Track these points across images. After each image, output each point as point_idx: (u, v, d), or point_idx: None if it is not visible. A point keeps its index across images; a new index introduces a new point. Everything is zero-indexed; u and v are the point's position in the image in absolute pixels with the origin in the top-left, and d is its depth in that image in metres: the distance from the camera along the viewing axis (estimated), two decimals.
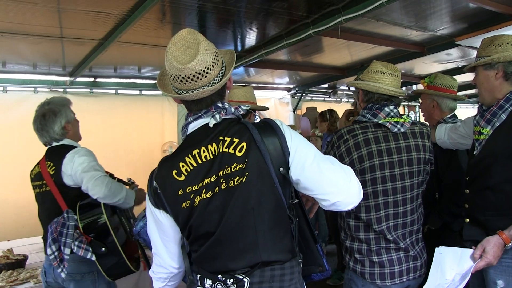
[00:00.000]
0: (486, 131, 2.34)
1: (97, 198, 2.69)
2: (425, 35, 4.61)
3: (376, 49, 5.19)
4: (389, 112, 2.34)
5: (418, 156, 2.36)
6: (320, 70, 6.37)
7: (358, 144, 2.27)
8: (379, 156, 2.27)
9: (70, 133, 3.04)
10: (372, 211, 2.28)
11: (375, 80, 2.38)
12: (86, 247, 2.61)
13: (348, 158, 2.26)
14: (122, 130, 6.20)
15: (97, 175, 2.71)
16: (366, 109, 2.39)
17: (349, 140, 2.28)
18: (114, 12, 3.38)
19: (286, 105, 8.30)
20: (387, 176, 2.28)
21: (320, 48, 5.14)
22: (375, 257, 2.29)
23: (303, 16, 3.76)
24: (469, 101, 10.47)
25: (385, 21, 3.99)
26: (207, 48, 1.61)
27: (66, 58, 4.83)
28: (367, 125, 2.34)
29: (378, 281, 2.28)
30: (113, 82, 6.14)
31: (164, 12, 3.50)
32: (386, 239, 2.30)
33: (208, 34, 4.19)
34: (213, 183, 1.61)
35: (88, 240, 2.66)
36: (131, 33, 3.73)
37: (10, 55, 4.64)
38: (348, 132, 2.31)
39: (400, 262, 2.31)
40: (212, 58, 1.62)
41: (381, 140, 2.30)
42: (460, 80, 7.37)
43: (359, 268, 2.33)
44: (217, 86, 1.63)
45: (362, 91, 2.44)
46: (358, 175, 2.20)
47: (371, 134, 2.30)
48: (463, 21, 4.15)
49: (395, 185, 2.29)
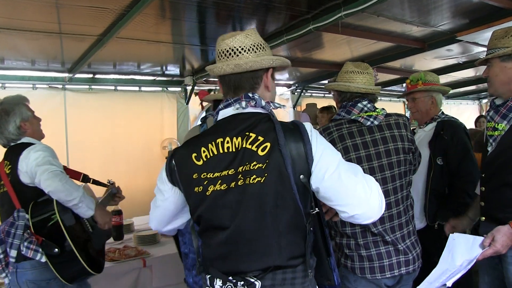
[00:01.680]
0: (501, 126, 2.32)
1: (48, 192, 2.58)
2: (426, 31, 4.59)
3: (377, 45, 5.17)
4: (362, 108, 2.41)
5: (396, 146, 2.38)
6: (320, 66, 6.34)
7: (333, 141, 2.33)
8: (355, 150, 2.32)
9: (28, 131, 2.89)
10: None
11: (346, 80, 2.48)
12: (35, 247, 2.49)
13: None
14: (121, 127, 6.18)
15: (51, 169, 2.59)
16: (341, 107, 2.49)
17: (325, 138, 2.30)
18: (113, 8, 3.35)
19: (286, 102, 8.27)
20: (366, 169, 2.31)
21: (320, 44, 5.11)
22: (364, 251, 2.32)
23: (303, 11, 3.74)
24: (469, 97, 10.45)
25: (386, 16, 3.97)
26: (249, 34, 1.71)
27: (65, 54, 4.81)
28: (341, 121, 2.42)
29: (369, 275, 2.31)
30: (112, 78, 6.10)
31: (163, 7, 3.48)
32: (372, 232, 2.32)
33: (207, 30, 4.17)
34: (230, 177, 1.60)
35: (39, 241, 2.54)
36: (130, 29, 3.70)
37: (8, 51, 4.61)
38: (324, 130, 2.40)
39: (390, 255, 2.33)
40: (251, 44, 1.68)
41: (356, 135, 2.35)
42: (461, 76, 7.41)
43: (350, 264, 2.36)
44: (245, 66, 1.65)
45: (337, 92, 2.54)
46: None
47: (346, 130, 2.37)
48: (464, 17, 4.12)
49: (376, 177, 2.29)
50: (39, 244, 2.51)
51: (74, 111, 5.79)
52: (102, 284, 3.12)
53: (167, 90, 6.63)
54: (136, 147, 6.29)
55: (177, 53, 5.21)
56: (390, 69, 6.46)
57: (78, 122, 5.81)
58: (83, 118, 5.86)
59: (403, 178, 2.43)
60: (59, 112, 5.67)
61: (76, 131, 5.79)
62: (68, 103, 5.74)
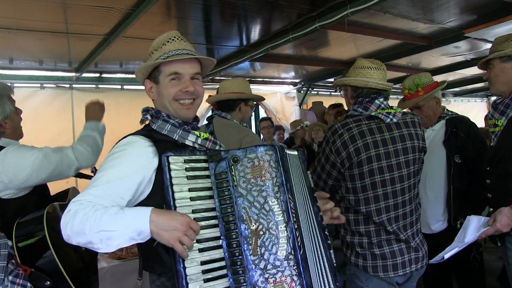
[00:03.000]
0: (501, 122, 2.44)
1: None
2: (433, 28, 4.56)
3: (383, 43, 5.15)
4: (379, 105, 2.36)
5: (413, 144, 2.38)
6: (326, 64, 6.33)
7: (353, 137, 2.28)
8: (375, 147, 2.28)
9: (8, 132, 2.41)
10: (371, 203, 2.28)
11: (363, 75, 2.41)
12: (22, 282, 2.04)
13: (345, 152, 2.26)
14: (127, 125, 6.15)
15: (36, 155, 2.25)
16: (357, 104, 2.41)
17: (344, 134, 2.28)
18: (119, 7, 3.37)
19: (292, 100, 8.26)
20: (384, 166, 2.29)
21: (326, 41, 5.10)
22: (377, 250, 2.30)
23: (309, 9, 3.73)
24: (478, 95, 10.39)
25: (392, 13, 3.95)
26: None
27: (71, 54, 4.84)
28: (360, 118, 2.36)
29: (381, 274, 2.28)
30: (118, 77, 6.14)
31: (169, 6, 3.49)
32: (386, 230, 2.30)
33: (213, 28, 4.18)
34: None
35: (27, 273, 2.08)
36: (136, 28, 3.72)
37: (17, 52, 4.65)
38: (342, 126, 2.32)
39: (402, 253, 2.32)
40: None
41: (375, 132, 2.31)
42: (469, 73, 7.36)
43: (361, 262, 2.33)
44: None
45: (351, 88, 2.46)
46: (355, 167, 2.25)
47: (365, 126, 2.32)
48: (472, 13, 4.10)
49: (393, 175, 2.30)
50: (26, 278, 2.07)
51: (81, 110, 5.76)
52: (109, 282, 3.13)
53: None
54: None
55: None
56: (396, 66, 6.43)
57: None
58: None
59: (416, 176, 2.44)
60: (66, 111, 5.71)
61: None
62: (75, 102, 5.78)
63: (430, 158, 3.01)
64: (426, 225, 3.05)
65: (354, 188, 2.28)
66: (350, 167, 2.26)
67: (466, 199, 3.00)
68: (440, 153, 3.04)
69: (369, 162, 2.26)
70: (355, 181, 2.28)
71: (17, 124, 2.51)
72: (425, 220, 3.00)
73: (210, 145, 1.71)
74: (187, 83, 1.70)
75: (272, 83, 7.87)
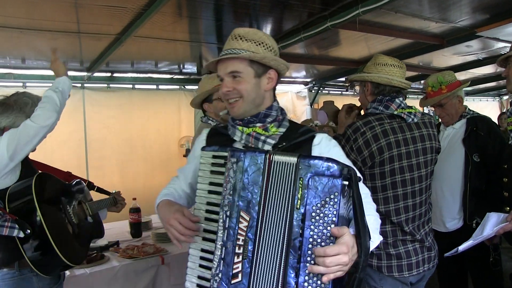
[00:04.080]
0: None
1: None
2: (444, 27, 4.52)
3: (394, 42, 5.11)
4: (399, 104, 2.35)
5: (431, 145, 2.39)
6: (337, 63, 6.30)
7: (376, 136, 2.25)
8: (397, 147, 2.27)
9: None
10: (390, 203, 2.27)
11: (386, 73, 2.39)
12: (11, 224, 2.26)
13: (367, 151, 2.24)
14: (139, 125, 6.23)
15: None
16: (376, 101, 2.39)
17: (366, 132, 2.26)
18: (131, 7, 3.38)
19: (303, 99, 8.24)
20: (405, 166, 2.28)
21: (337, 41, 5.08)
22: (392, 250, 2.29)
23: (320, 8, 3.72)
24: (490, 94, 10.30)
25: (403, 13, 3.92)
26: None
27: (83, 54, 4.86)
28: (382, 116, 2.33)
29: (396, 274, 2.27)
30: (130, 77, 6.15)
31: (180, 6, 3.50)
32: (403, 231, 2.29)
33: (224, 28, 4.18)
34: None
35: (14, 218, 2.30)
36: (147, 27, 3.73)
37: (29, 51, 4.69)
38: (365, 124, 2.29)
39: (417, 253, 2.32)
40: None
41: (398, 131, 2.30)
42: (481, 72, 7.30)
43: (376, 262, 2.31)
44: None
45: (372, 84, 2.43)
46: (377, 166, 2.24)
47: (388, 125, 2.30)
48: (484, 12, 4.05)
49: (413, 175, 2.30)
50: (14, 221, 2.28)
51: (92, 109, 5.86)
52: (121, 281, 3.15)
53: (184, 88, 6.65)
54: (154, 145, 6.33)
55: (194, 52, 5.23)
56: (408, 66, 6.34)
57: (97, 121, 5.89)
58: (101, 117, 5.94)
59: (431, 177, 2.44)
60: (78, 110, 5.75)
61: (94, 129, 5.87)
62: (86, 101, 5.82)
63: (448, 156, 3.00)
64: (441, 223, 3.04)
65: (373, 187, 2.26)
66: (372, 166, 2.25)
67: (483, 198, 2.98)
68: (459, 151, 3.02)
69: (391, 162, 2.25)
70: (375, 180, 2.26)
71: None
72: (440, 217, 2.99)
73: (253, 140, 1.73)
74: (222, 84, 1.74)
75: (283, 82, 7.85)
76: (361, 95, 2.54)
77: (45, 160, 3.18)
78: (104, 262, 3.21)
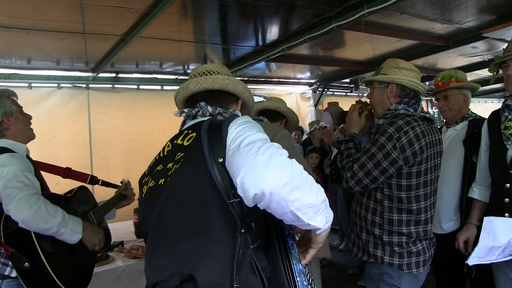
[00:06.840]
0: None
1: (20, 222, 2.12)
2: (450, 28, 4.51)
3: (400, 43, 5.11)
4: (422, 108, 2.44)
5: (440, 149, 2.48)
6: (342, 64, 6.30)
7: (417, 135, 2.29)
8: (429, 148, 2.34)
9: (11, 129, 2.49)
10: (421, 200, 2.34)
11: (412, 77, 2.45)
12: (4, 260, 2.09)
13: (410, 150, 2.27)
14: (143, 125, 6.25)
15: (18, 195, 2.12)
16: (403, 103, 2.43)
17: (409, 131, 2.28)
18: (136, 7, 3.39)
19: (308, 100, 8.24)
20: (431, 167, 2.37)
21: (342, 42, 5.08)
22: (413, 247, 2.35)
23: (325, 9, 3.71)
24: (495, 95, 10.27)
25: (409, 14, 3.92)
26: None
27: (88, 54, 4.88)
28: (416, 118, 2.37)
29: (414, 270, 2.34)
30: (134, 77, 6.18)
31: (185, 6, 3.50)
32: (424, 230, 2.37)
33: (229, 29, 4.18)
34: (159, 172, 1.58)
35: (9, 253, 2.12)
36: (152, 28, 3.73)
37: (35, 52, 4.71)
38: (406, 124, 2.31)
39: (429, 249, 2.42)
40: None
41: (426, 134, 2.36)
42: (486, 74, 7.26)
43: (397, 261, 2.35)
44: (208, 84, 1.86)
45: (398, 86, 2.45)
46: (416, 165, 2.30)
47: (423, 126, 2.36)
48: (490, 13, 4.04)
49: (432, 176, 2.40)
50: (8, 257, 2.11)
51: (97, 109, 5.89)
52: (126, 281, 3.16)
53: None
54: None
55: (199, 52, 5.24)
56: None
57: (102, 121, 5.91)
58: (106, 117, 5.96)
59: (437, 180, 2.50)
60: (83, 110, 5.78)
61: (99, 130, 5.89)
62: (91, 102, 5.85)
63: (448, 157, 3.00)
64: (437, 224, 3.04)
65: (408, 185, 2.31)
66: (412, 164, 2.29)
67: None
68: (459, 152, 3.02)
69: (426, 161, 2.33)
70: (411, 178, 2.30)
71: (22, 125, 2.56)
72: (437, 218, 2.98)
73: None
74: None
75: (288, 83, 7.86)
76: (379, 96, 2.52)
77: (50, 160, 3.18)
78: (109, 262, 3.22)
